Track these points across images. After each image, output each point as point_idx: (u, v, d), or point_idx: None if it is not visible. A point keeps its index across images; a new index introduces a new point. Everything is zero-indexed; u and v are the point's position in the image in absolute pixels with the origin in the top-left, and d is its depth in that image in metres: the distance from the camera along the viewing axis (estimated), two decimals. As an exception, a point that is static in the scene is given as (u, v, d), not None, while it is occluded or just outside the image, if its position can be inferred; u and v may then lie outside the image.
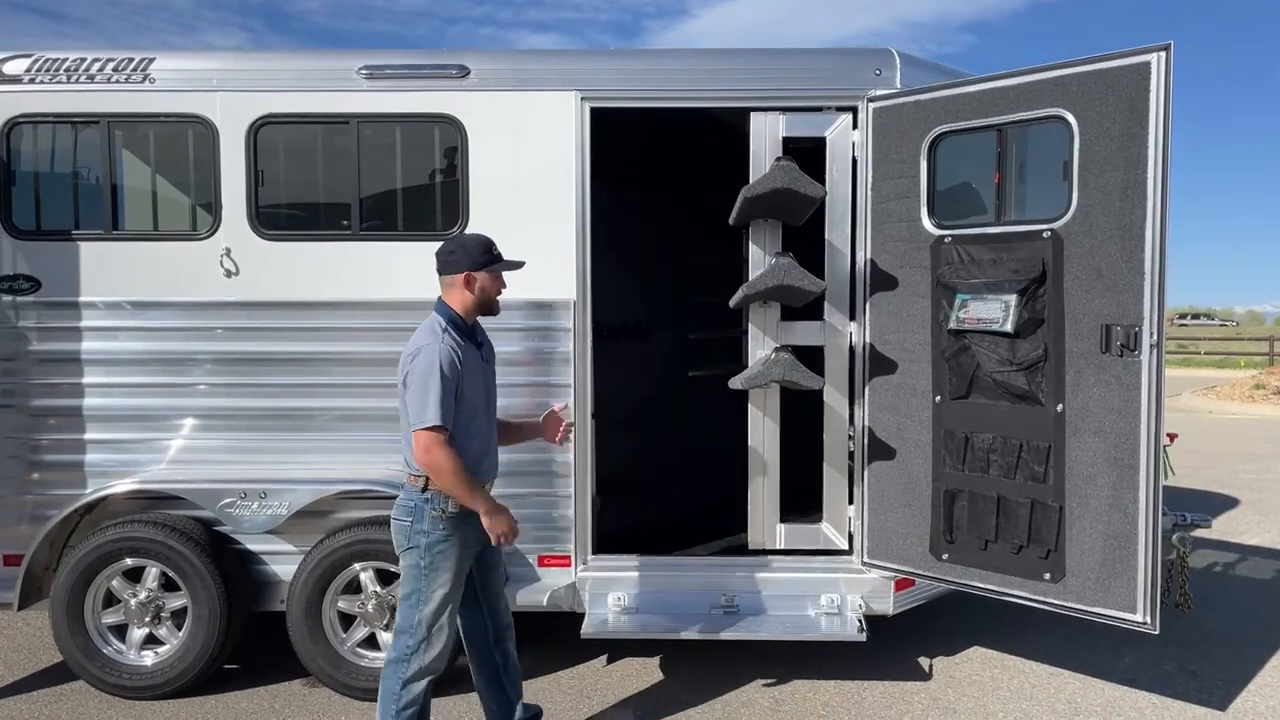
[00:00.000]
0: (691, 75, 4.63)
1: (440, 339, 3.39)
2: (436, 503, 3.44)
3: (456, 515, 3.46)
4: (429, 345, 3.36)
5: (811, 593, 4.64)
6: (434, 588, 3.47)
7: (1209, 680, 4.77)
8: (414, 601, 3.49)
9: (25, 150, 4.56)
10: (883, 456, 4.50)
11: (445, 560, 3.47)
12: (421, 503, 3.46)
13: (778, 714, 4.38)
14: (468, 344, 3.51)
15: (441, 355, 3.33)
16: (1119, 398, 3.79)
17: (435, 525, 3.44)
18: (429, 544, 3.45)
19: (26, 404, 4.56)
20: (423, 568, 3.47)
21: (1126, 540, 3.80)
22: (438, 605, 3.48)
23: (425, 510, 3.45)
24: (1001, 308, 4.02)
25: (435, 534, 3.45)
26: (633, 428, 5.73)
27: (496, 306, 3.64)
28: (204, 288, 4.54)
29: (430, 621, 3.49)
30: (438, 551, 3.46)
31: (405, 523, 3.49)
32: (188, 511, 4.50)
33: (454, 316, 3.52)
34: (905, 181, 4.34)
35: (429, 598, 3.48)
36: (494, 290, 3.59)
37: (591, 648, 4.89)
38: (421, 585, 3.48)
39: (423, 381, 3.31)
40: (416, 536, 3.46)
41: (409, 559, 3.50)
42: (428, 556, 3.46)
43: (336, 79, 4.51)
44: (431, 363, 3.31)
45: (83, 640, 4.42)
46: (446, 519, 3.45)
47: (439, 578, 3.47)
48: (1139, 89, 3.66)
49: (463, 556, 3.53)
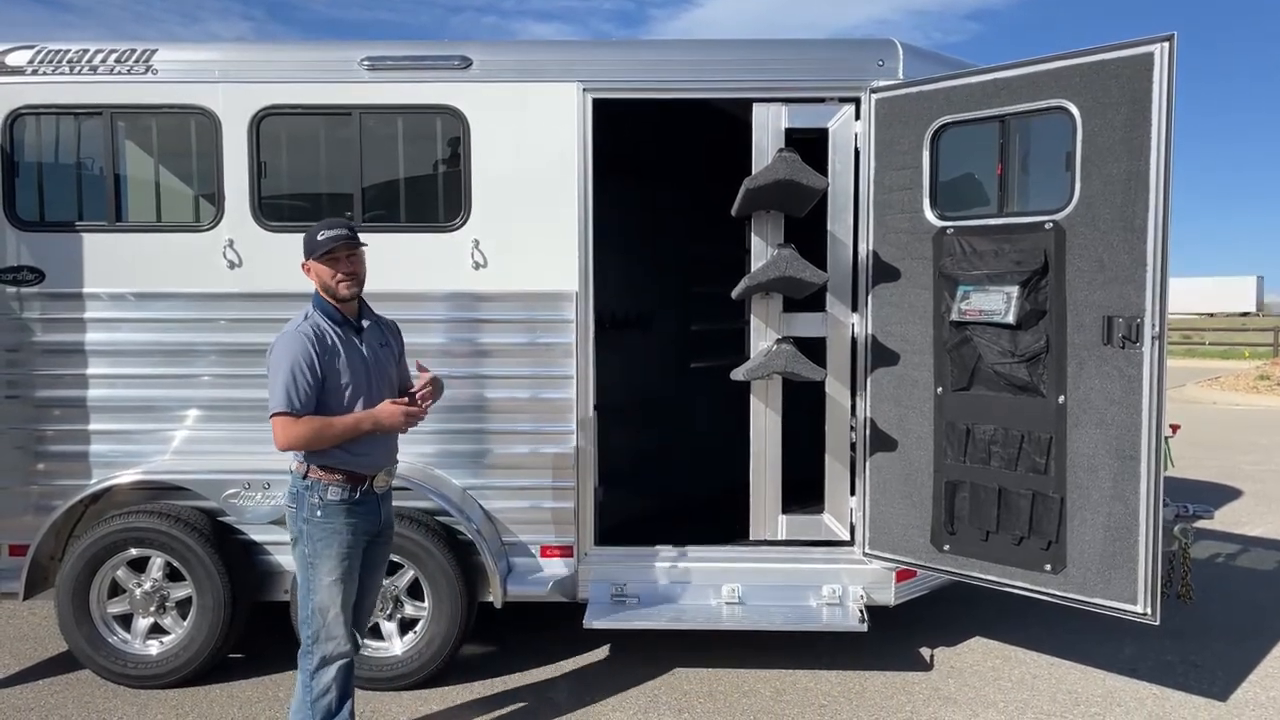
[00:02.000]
0: (693, 66, 4.62)
1: (297, 326, 3.38)
2: (316, 490, 3.41)
3: (336, 503, 3.42)
4: (283, 334, 3.38)
5: (813, 583, 4.65)
6: (319, 575, 3.43)
7: (1210, 671, 4.78)
8: (305, 591, 3.47)
9: (28, 141, 4.57)
10: (884, 448, 4.50)
11: (328, 548, 3.42)
12: (303, 489, 3.43)
13: (779, 704, 4.40)
14: (338, 327, 3.45)
15: (292, 342, 3.33)
16: (1120, 389, 3.79)
17: (313, 513, 3.41)
18: (309, 532, 3.42)
19: (31, 395, 4.58)
20: (307, 556, 3.44)
21: (1127, 531, 3.81)
22: (327, 593, 3.43)
23: (305, 498, 3.43)
24: (1003, 299, 4.02)
25: (314, 521, 3.41)
26: (636, 419, 5.74)
27: (342, 292, 3.45)
28: (207, 279, 4.55)
29: (324, 609, 3.44)
30: (318, 539, 3.42)
31: (291, 510, 3.48)
32: (192, 502, 4.52)
33: (321, 303, 3.48)
34: (907, 173, 4.34)
35: (317, 586, 3.44)
36: (328, 276, 3.42)
37: (594, 638, 4.91)
38: (310, 574, 3.45)
39: (273, 370, 3.34)
40: (298, 525, 3.44)
41: (296, 549, 3.48)
42: (310, 545, 3.43)
43: (339, 70, 4.51)
44: (280, 352, 3.33)
45: (88, 630, 4.45)
46: (325, 506, 3.41)
47: (323, 565, 3.42)
48: (1142, 80, 3.65)
49: (350, 544, 3.46)
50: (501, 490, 4.58)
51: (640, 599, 4.63)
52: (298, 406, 3.30)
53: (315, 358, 3.33)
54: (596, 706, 4.37)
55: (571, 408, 4.59)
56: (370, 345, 3.56)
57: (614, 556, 4.68)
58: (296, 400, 3.29)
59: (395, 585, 4.44)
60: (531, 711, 4.32)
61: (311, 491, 3.41)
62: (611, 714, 4.29)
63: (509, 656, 4.87)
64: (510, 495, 4.62)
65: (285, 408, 3.29)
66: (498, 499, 4.56)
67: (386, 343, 3.67)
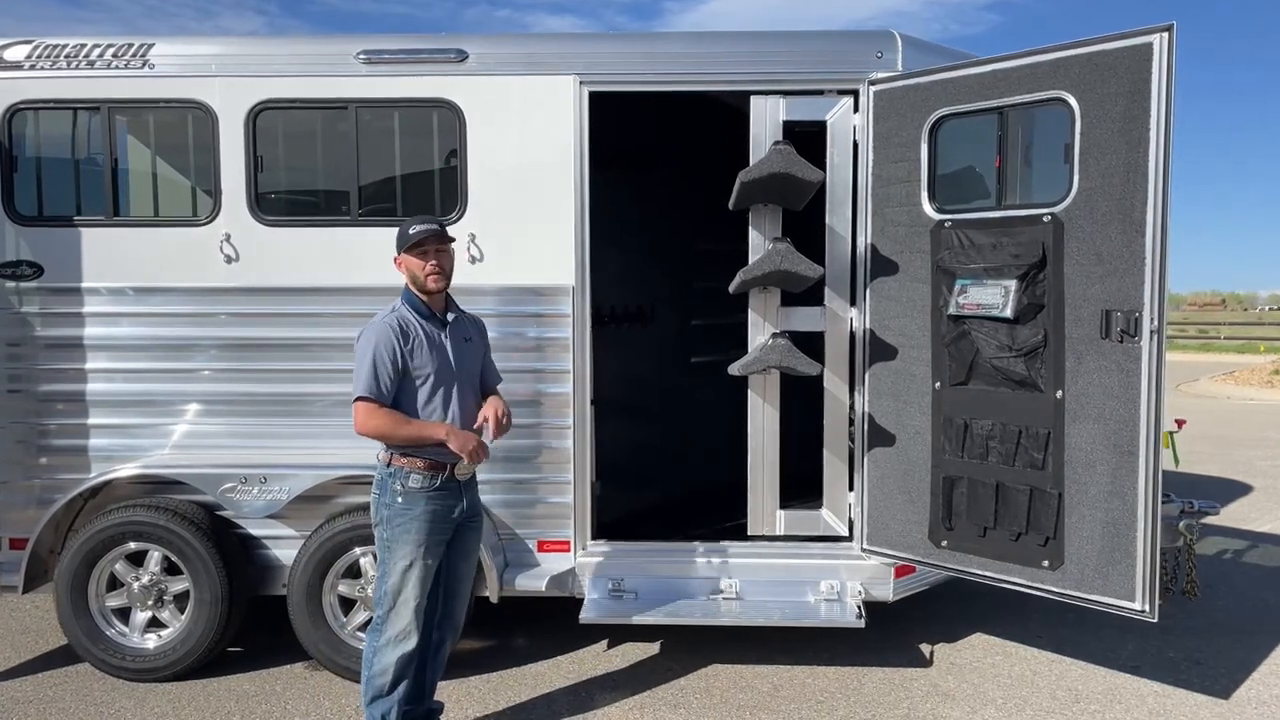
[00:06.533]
0: (691, 59, 4.59)
1: (384, 317, 3.51)
2: (398, 477, 3.52)
3: (417, 490, 3.52)
4: (371, 323, 3.52)
5: (811, 579, 4.62)
6: (395, 560, 3.54)
7: (1213, 668, 4.73)
8: (381, 574, 3.60)
9: (27, 136, 4.58)
10: (883, 443, 4.47)
11: (405, 534, 3.52)
12: (386, 477, 3.55)
13: (776, 699, 4.38)
14: (424, 321, 3.58)
15: (379, 332, 3.46)
16: (1119, 384, 3.74)
17: (394, 499, 3.52)
18: (389, 517, 3.54)
19: (31, 389, 4.60)
20: (385, 540, 3.56)
21: (1125, 528, 3.76)
22: (399, 579, 3.54)
23: (388, 484, 3.54)
24: (1001, 293, 3.98)
25: (395, 508, 3.52)
26: (636, 414, 5.72)
27: (430, 285, 3.56)
28: (205, 273, 4.55)
29: (394, 593, 3.55)
30: (397, 525, 3.52)
31: (374, 496, 3.60)
32: (190, 496, 4.53)
33: (409, 296, 3.63)
34: (906, 165, 4.30)
35: (391, 570, 3.55)
36: (419, 270, 3.55)
37: (591, 633, 4.89)
38: (386, 558, 3.57)
39: (359, 357, 3.47)
40: (381, 510, 3.55)
41: (377, 534, 3.60)
42: (389, 530, 3.54)
43: (335, 64, 4.50)
44: (368, 339, 3.47)
45: (87, 623, 4.47)
46: (406, 493, 3.52)
47: (399, 550, 3.53)
48: (1141, 71, 3.60)
49: (429, 531, 3.55)
50: (498, 485, 4.57)
51: (638, 594, 4.62)
52: (381, 394, 3.43)
53: (398, 348, 3.45)
54: (593, 701, 4.36)
55: (569, 402, 4.58)
56: (455, 340, 3.66)
57: (612, 551, 4.67)
58: (379, 387, 3.43)
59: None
60: (528, 706, 4.31)
61: (394, 478, 3.52)
62: (608, 709, 4.28)
63: (506, 651, 4.87)
64: (507, 490, 4.61)
65: (368, 393, 3.42)
66: (495, 493, 4.54)
67: (471, 338, 3.76)
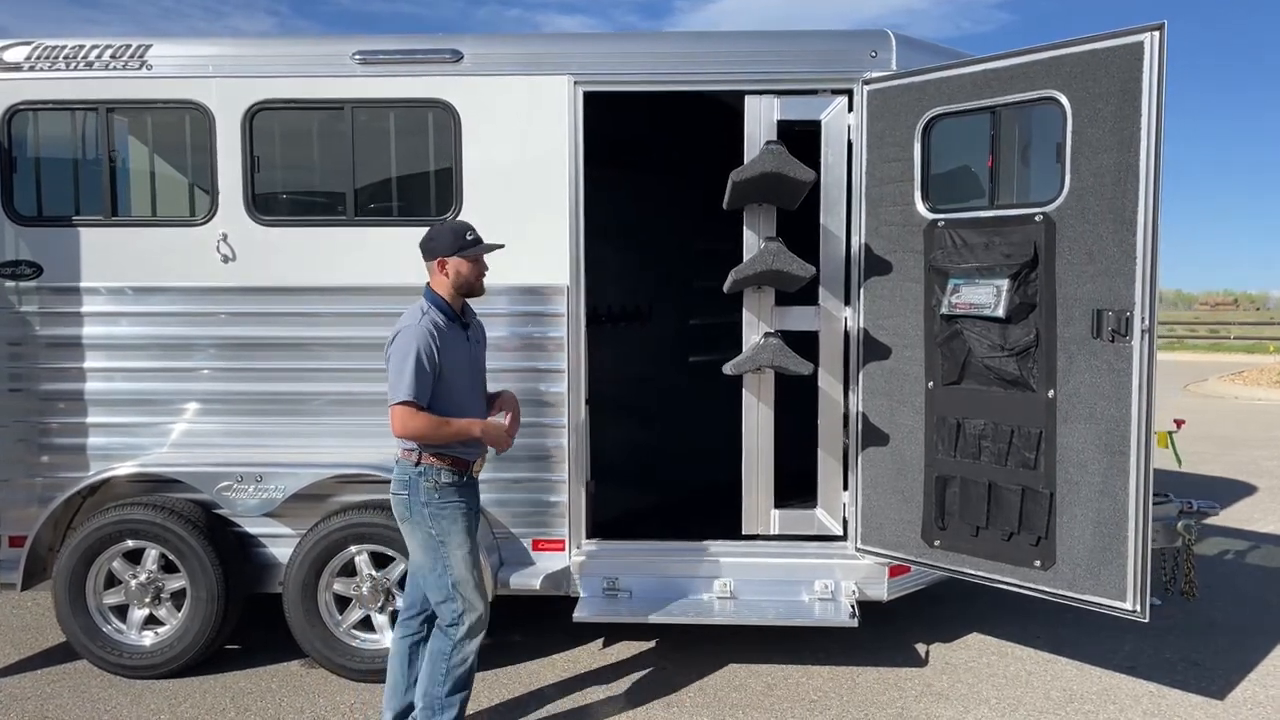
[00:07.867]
0: (685, 59, 4.59)
1: (419, 321, 3.51)
2: (430, 474, 3.57)
3: (451, 484, 3.59)
4: (407, 327, 3.52)
5: (805, 578, 4.62)
6: (451, 551, 3.60)
7: (1210, 669, 4.72)
8: (440, 570, 3.62)
9: (26, 137, 4.61)
10: (876, 442, 4.47)
11: (453, 524, 3.60)
12: (415, 476, 3.59)
13: (770, 698, 4.38)
14: (452, 325, 3.63)
15: (418, 336, 3.47)
16: (1110, 384, 3.74)
17: (431, 496, 3.58)
18: (433, 514, 3.58)
19: (31, 388, 4.63)
20: (434, 536, 3.60)
21: (1117, 528, 3.76)
22: (463, 566, 3.61)
23: (420, 483, 3.58)
24: (993, 292, 3.98)
25: (434, 503, 3.57)
26: (634, 413, 5.73)
27: (479, 288, 3.71)
28: (202, 273, 4.58)
29: (463, 584, 3.61)
30: (444, 517, 3.59)
31: (403, 496, 3.63)
32: (187, 494, 4.56)
33: (437, 300, 3.64)
34: (899, 165, 4.30)
35: (452, 563, 3.60)
36: (471, 274, 3.64)
37: (585, 632, 4.91)
38: (441, 553, 3.61)
39: (399, 361, 3.47)
40: (419, 510, 3.58)
41: (418, 533, 3.62)
42: (436, 525, 3.59)
43: (331, 64, 4.52)
44: (408, 343, 3.47)
45: (84, 620, 4.50)
46: (441, 488, 3.58)
47: (452, 540, 3.59)
48: (1132, 70, 3.59)
49: (468, 516, 3.65)
50: (494, 483, 4.58)
51: (632, 593, 4.63)
52: (421, 397, 3.46)
53: (436, 352, 3.50)
54: (587, 700, 4.37)
55: (563, 402, 4.59)
56: (473, 342, 3.76)
57: (606, 550, 4.68)
58: (419, 392, 3.45)
59: (388, 578, 4.47)
60: (522, 704, 4.32)
61: (425, 476, 3.57)
62: (602, 707, 4.29)
63: (500, 649, 4.87)
64: (502, 488, 4.62)
65: (410, 398, 3.44)
66: (489, 492, 4.55)
67: (480, 340, 3.85)
